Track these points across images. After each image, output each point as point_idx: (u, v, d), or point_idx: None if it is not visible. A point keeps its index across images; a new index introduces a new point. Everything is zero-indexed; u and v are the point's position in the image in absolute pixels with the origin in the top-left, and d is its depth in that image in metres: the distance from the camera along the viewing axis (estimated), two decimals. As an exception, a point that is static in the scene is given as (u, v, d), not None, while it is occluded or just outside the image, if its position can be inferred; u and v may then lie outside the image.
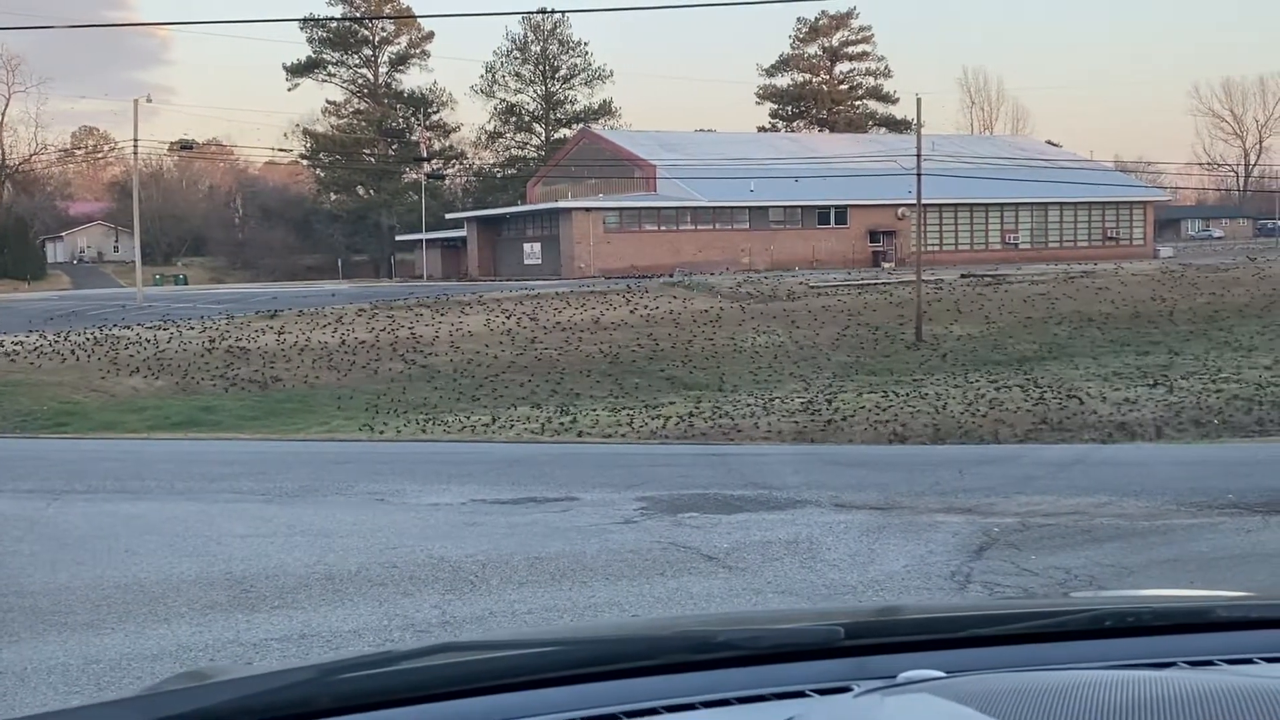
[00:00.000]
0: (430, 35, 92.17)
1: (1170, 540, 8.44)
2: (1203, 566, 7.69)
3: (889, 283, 45.12)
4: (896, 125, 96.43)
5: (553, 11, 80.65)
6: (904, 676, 1.57)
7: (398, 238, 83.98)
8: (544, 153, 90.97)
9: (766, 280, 46.10)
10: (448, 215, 77.88)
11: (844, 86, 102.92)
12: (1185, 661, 1.70)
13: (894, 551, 8.09)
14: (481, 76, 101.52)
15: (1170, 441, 16.61)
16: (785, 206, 64.91)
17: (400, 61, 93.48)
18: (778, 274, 51.52)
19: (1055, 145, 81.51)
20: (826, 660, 1.65)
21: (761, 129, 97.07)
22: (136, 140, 50.07)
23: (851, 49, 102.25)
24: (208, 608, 6.96)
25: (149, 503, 10.98)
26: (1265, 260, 51.68)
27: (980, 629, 1.79)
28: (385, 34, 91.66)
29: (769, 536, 8.62)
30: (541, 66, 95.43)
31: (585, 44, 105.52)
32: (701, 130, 78.55)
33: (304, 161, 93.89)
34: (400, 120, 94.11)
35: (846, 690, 1.56)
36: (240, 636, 6.35)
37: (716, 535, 8.71)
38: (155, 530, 9.39)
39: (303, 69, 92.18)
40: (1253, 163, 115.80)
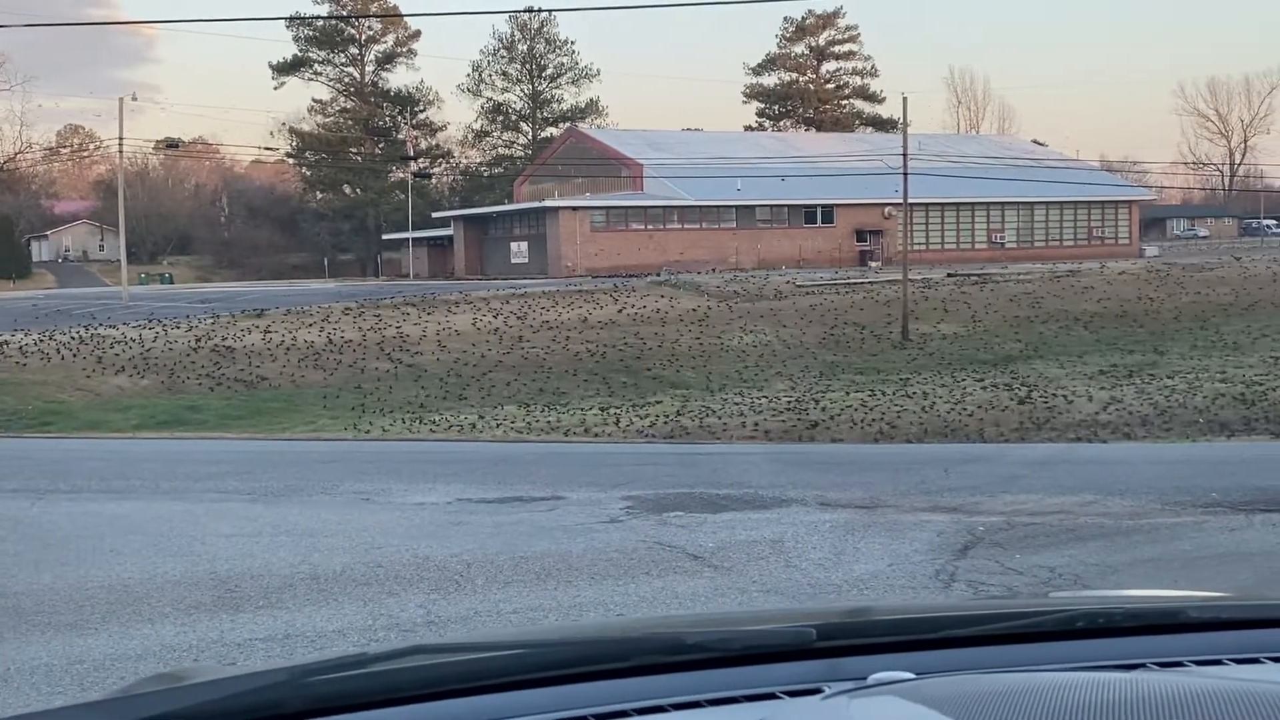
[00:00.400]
0: (417, 34, 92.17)
1: (1154, 539, 8.47)
2: (1186, 565, 7.71)
3: (876, 282, 45.19)
4: (883, 125, 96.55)
5: (540, 10, 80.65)
6: (874, 678, 1.57)
7: (384, 236, 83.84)
8: (531, 152, 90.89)
9: (753, 279, 46.13)
10: (434, 214, 77.76)
11: (831, 86, 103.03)
12: (1155, 663, 1.70)
13: (879, 550, 8.10)
14: (468, 75, 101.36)
15: (1155, 440, 16.67)
16: (772, 205, 64.95)
17: (387, 60, 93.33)
18: (764, 273, 51.56)
19: (1041, 145, 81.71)
20: (798, 662, 1.65)
21: (748, 128, 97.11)
22: (122, 139, 49.95)
23: (838, 48, 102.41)
24: (192, 608, 6.94)
25: (134, 502, 10.94)
26: (1250, 260, 51.88)
27: (953, 630, 1.80)
28: (372, 32, 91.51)
29: (754, 536, 8.63)
30: (528, 65, 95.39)
31: (572, 43, 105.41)
32: (688, 129, 78.50)
33: (290, 160, 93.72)
34: (387, 119, 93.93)
35: (817, 692, 1.56)
36: (225, 637, 6.34)
37: (702, 534, 8.72)
38: (140, 530, 9.36)
39: (289, 67, 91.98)
40: (1238, 162, 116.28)
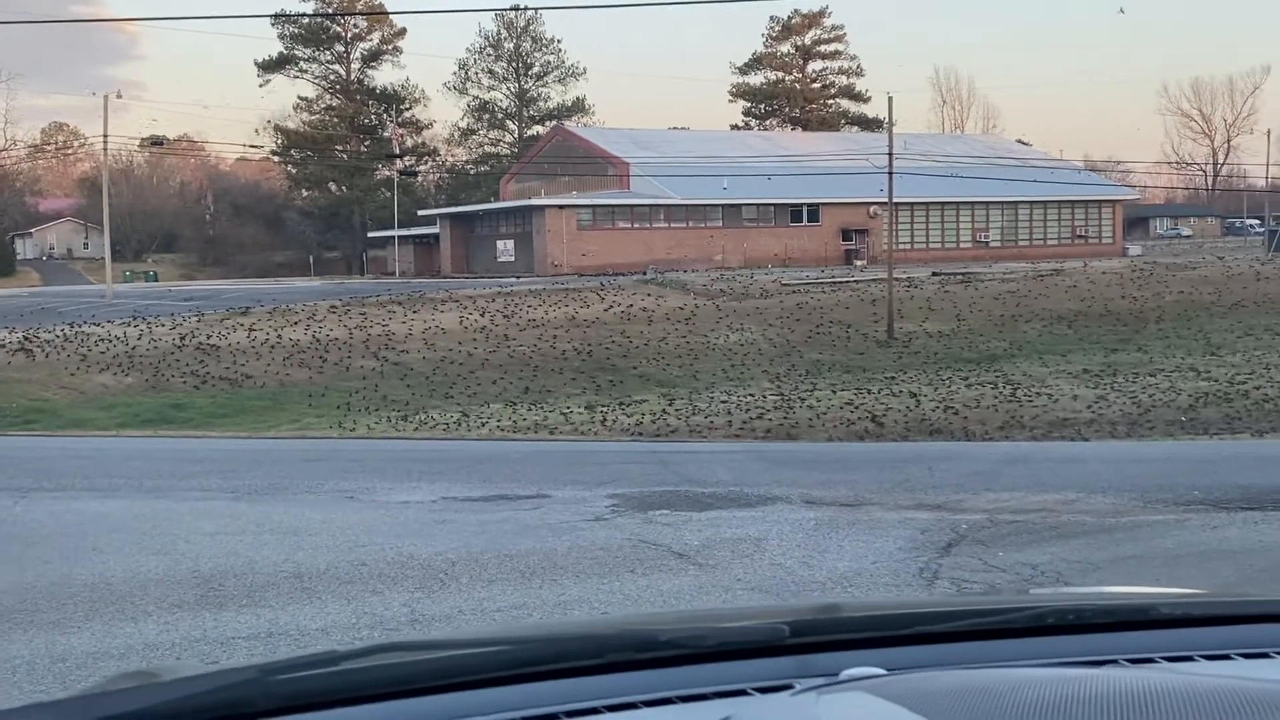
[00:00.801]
0: (403, 31, 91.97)
1: (1137, 537, 8.50)
2: (1168, 563, 7.75)
3: (861, 280, 45.25)
4: (869, 124, 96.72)
5: (526, 8, 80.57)
6: (845, 674, 1.58)
7: (370, 234, 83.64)
8: (517, 150, 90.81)
9: (739, 278, 46.16)
10: (420, 212, 77.63)
11: (816, 85, 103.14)
12: (1126, 659, 1.71)
13: (863, 548, 8.12)
14: (454, 73, 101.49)
15: (1139, 438, 16.73)
16: (758, 204, 65.00)
17: (373, 58, 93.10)
18: (751, 272, 51.60)
19: (1026, 144, 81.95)
20: (770, 658, 1.65)
21: (735, 127, 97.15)
22: (106, 136, 49.85)
23: (824, 48, 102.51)
24: (175, 606, 6.93)
25: (117, 501, 10.91)
26: (1233, 259, 52.07)
27: (925, 626, 1.80)
28: (357, 30, 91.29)
29: (739, 534, 8.64)
30: (515, 63, 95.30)
31: (558, 41, 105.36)
32: (675, 128, 78.48)
33: (276, 158, 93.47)
34: (373, 117, 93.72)
35: (788, 688, 1.56)
36: (208, 635, 6.33)
37: (687, 532, 8.72)
38: (123, 528, 9.33)
39: (274, 65, 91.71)
40: (1221, 162, 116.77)
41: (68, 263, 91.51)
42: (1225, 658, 1.73)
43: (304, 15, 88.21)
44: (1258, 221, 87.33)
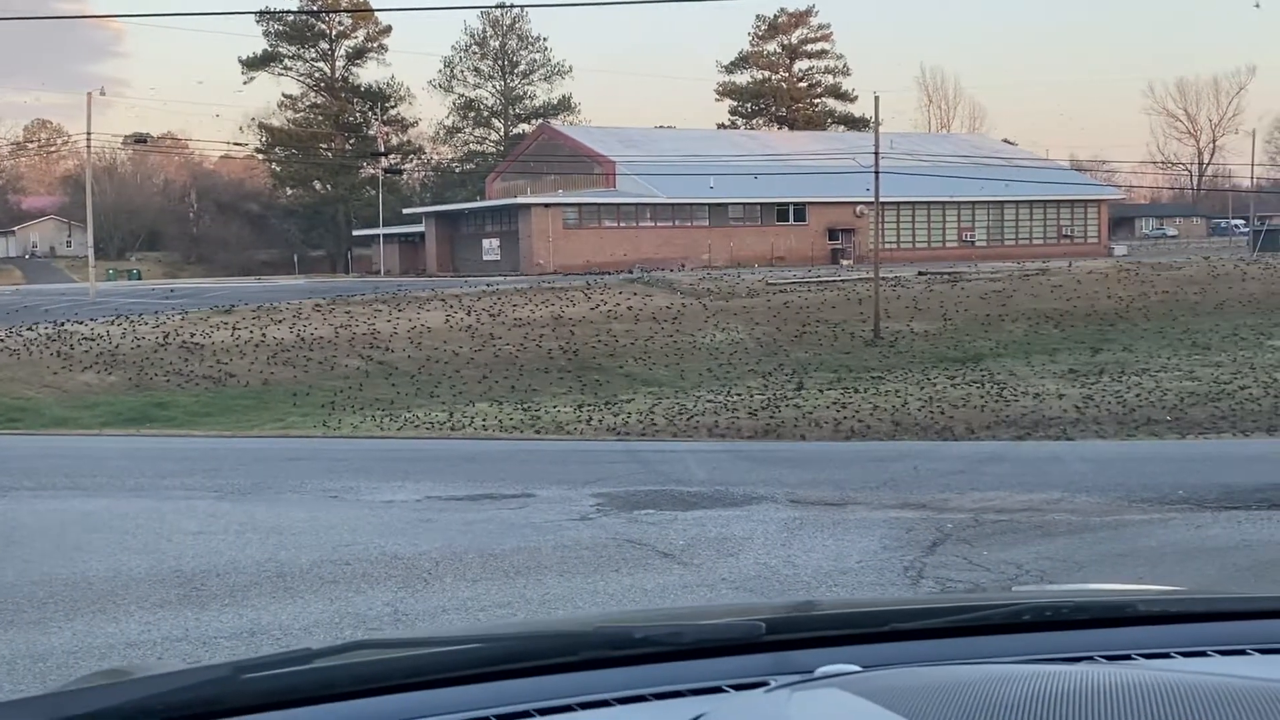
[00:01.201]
0: (388, 29, 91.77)
1: (1121, 536, 8.52)
2: (1152, 561, 7.76)
3: (848, 280, 45.30)
4: (855, 123, 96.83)
5: (512, 6, 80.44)
6: (821, 671, 1.57)
7: (355, 233, 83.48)
8: (503, 148, 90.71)
9: (726, 277, 46.17)
10: (406, 210, 77.50)
11: (803, 84, 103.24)
12: (1103, 656, 1.71)
13: (849, 547, 8.12)
14: (440, 71, 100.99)
15: (1124, 438, 16.77)
16: (745, 203, 65.05)
17: (357, 55, 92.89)
18: (737, 271, 51.63)
19: (1012, 144, 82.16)
20: (747, 656, 1.65)
21: (721, 126, 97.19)
22: (90, 134, 49.66)
23: (810, 47, 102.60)
24: (157, 605, 6.89)
25: (100, 499, 10.85)
26: (1218, 259, 52.26)
27: (901, 624, 1.80)
28: (342, 27, 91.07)
29: (724, 533, 8.63)
30: (500, 61, 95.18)
31: (544, 39, 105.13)
32: (661, 127, 78.54)
33: (260, 156, 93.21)
34: (357, 115, 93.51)
35: (763, 685, 1.55)
36: (190, 634, 6.29)
37: (672, 531, 8.71)
38: (105, 527, 9.28)
39: (258, 62, 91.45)
40: (1206, 162, 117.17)
41: (51, 261, 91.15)
42: (1202, 654, 1.73)
43: (289, 12, 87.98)
44: (1242, 221, 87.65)
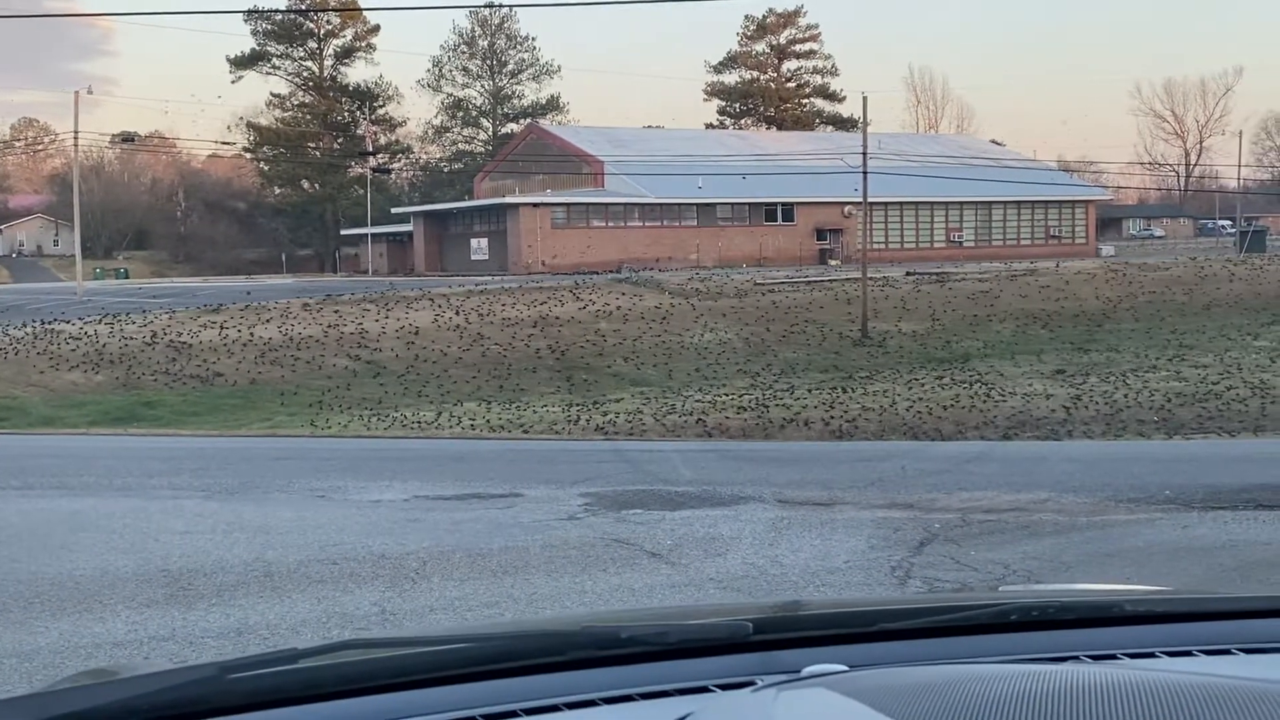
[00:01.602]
0: (376, 28, 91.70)
1: (1108, 535, 8.54)
2: (1138, 561, 7.78)
3: (835, 280, 45.34)
4: (843, 123, 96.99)
5: (501, 5, 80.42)
6: (807, 671, 1.57)
7: (343, 232, 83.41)
8: (491, 148, 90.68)
9: (714, 277, 46.17)
10: (394, 210, 77.44)
11: (791, 84, 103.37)
12: (1088, 655, 1.71)
13: (837, 547, 8.13)
14: (428, 71, 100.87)
15: (1112, 438, 16.80)
16: (733, 203, 65.10)
17: (345, 54, 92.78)
18: (726, 271, 51.64)
19: (999, 144, 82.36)
20: (733, 655, 1.65)
21: (709, 126, 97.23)
22: (77, 132, 49.56)
23: (799, 47, 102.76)
24: (145, 604, 6.87)
25: (86, 499, 10.82)
26: (1205, 260, 52.41)
27: (888, 623, 1.80)
28: (330, 27, 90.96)
29: (712, 532, 8.63)
30: (489, 61, 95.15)
31: (533, 39, 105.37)
32: (650, 127, 78.64)
33: (248, 155, 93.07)
34: (346, 114, 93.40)
35: (750, 685, 1.55)
36: (177, 633, 6.28)
37: (660, 531, 8.71)
38: (92, 526, 9.25)
39: (247, 61, 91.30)
40: (1193, 163, 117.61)
41: (37, 260, 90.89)
42: (1187, 654, 1.74)
43: (277, 11, 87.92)
44: (1229, 222, 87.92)
